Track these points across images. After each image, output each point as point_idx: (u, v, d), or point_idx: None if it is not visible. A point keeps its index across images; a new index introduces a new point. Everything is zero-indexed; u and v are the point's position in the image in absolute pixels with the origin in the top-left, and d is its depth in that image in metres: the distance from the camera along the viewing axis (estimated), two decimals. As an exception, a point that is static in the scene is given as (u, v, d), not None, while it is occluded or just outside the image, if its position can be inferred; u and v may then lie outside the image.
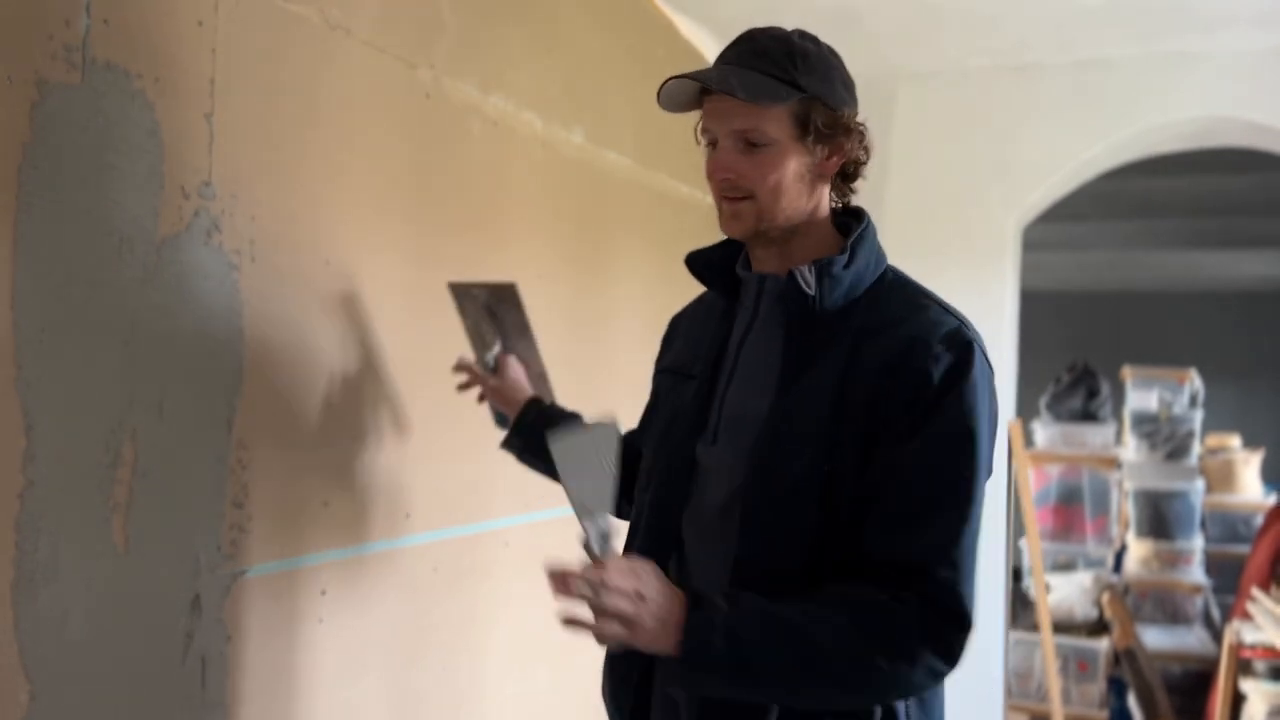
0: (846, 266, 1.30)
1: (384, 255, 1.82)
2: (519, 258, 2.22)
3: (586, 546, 1.18)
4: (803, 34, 1.33)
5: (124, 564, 1.35)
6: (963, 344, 1.26)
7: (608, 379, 2.63)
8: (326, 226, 1.69)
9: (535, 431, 1.68)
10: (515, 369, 1.80)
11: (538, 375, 1.83)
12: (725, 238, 1.42)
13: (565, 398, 2.45)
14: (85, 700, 1.31)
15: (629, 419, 2.70)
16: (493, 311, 1.75)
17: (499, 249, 2.15)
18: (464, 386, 1.84)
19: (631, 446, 1.52)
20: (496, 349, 1.79)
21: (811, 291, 1.28)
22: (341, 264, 1.72)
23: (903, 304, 1.31)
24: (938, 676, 1.21)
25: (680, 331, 1.55)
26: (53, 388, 1.25)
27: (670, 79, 1.29)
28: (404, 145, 1.87)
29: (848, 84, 1.33)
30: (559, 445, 1.22)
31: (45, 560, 1.25)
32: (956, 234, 3.47)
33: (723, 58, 1.32)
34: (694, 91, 1.31)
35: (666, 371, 1.52)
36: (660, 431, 1.46)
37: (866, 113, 1.36)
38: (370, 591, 1.82)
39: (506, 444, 1.76)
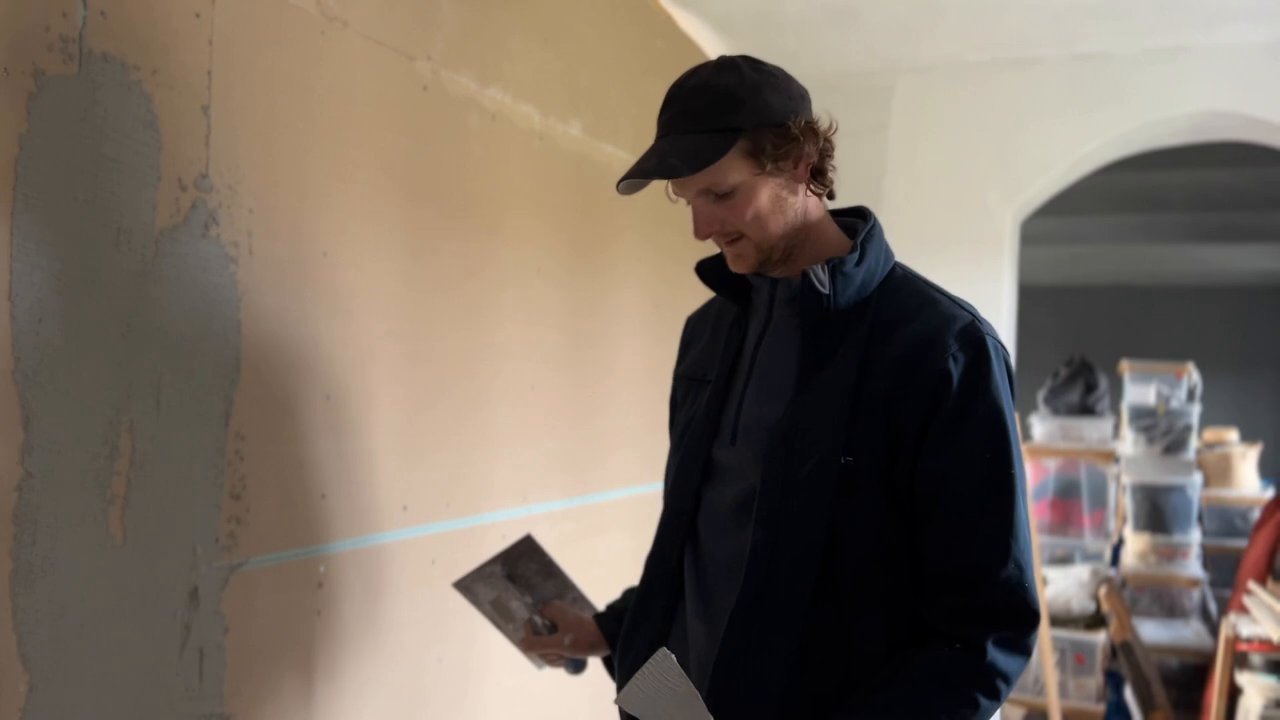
0: (858, 264, 1.33)
1: (381, 247, 1.82)
2: (516, 250, 2.22)
3: None
4: (721, 65, 1.31)
5: (122, 556, 1.35)
6: (977, 340, 1.29)
7: (606, 371, 2.63)
8: (324, 219, 1.69)
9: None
10: (567, 615, 1.63)
11: (577, 600, 1.68)
12: None
13: (564, 392, 2.46)
14: (84, 691, 1.31)
15: (629, 409, 2.71)
16: (513, 576, 1.62)
17: (496, 242, 2.15)
18: (553, 663, 1.67)
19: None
20: (527, 608, 1.64)
21: (826, 290, 1.30)
22: (339, 256, 1.72)
23: (914, 299, 1.34)
24: (1014, 676, 1.27)
25: (694, 335, 1.57)
26: (50, 380, 1.25)
27: (620, 181, 1.31)
28: (402, 137, 1.87)
29: (782, 89, 1.30)
30: (634, 701, 1.20)
31: (43, 552, 1.25)
32: (954, 228, 3.47)
33: (659, 129, 1.33)
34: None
35: (683, 378, 1.54)
36: (677, 436, 1.50)
37: (864, 106, 1.37)
38: (368, 584, 1.82)
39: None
